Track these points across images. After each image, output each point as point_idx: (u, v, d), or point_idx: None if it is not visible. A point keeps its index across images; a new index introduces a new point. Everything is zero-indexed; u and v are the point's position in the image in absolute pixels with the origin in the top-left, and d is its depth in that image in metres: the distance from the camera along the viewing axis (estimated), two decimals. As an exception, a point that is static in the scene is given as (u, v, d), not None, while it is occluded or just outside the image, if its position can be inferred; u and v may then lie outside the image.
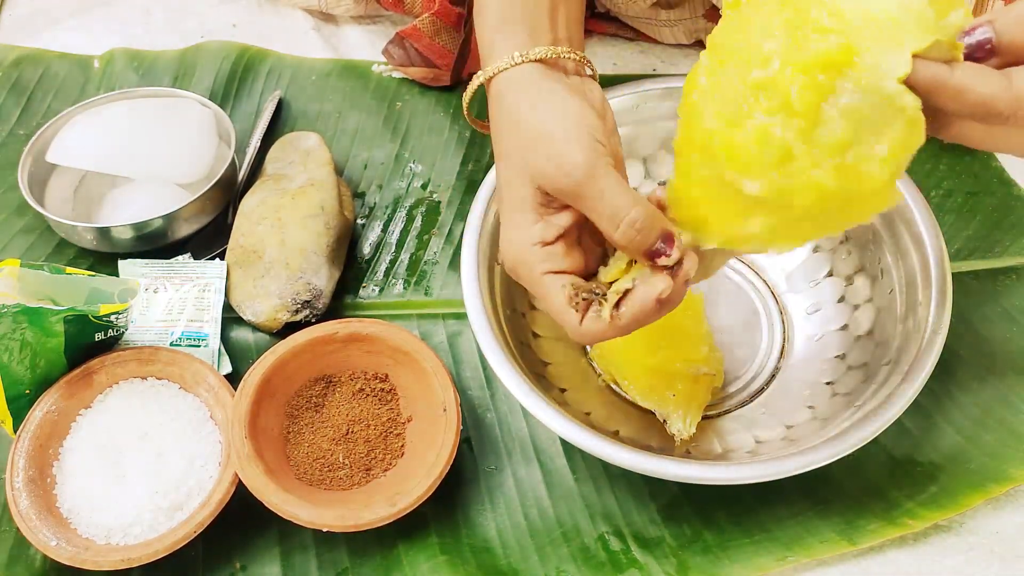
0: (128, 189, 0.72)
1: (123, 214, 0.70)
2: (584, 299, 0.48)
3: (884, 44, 0.39)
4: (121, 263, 0.69)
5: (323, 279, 0.67)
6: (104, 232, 0.68)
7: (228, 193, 0.73)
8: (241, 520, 0.58)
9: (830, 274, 0.66)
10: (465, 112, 0.55)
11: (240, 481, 0.55)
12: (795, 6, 0.41)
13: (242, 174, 0.75)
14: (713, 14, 0.81)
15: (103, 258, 0.71)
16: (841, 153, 0.40)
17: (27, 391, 0.59)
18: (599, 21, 0.88)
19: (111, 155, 0.71)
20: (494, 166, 0.54)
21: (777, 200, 0.42)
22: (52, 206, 0.72)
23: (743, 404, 0.62)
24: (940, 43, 0.39)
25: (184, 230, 0.71)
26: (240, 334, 0.68)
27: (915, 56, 0.39)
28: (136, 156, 0.71)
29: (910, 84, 0.39)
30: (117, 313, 0.60)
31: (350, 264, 0.72)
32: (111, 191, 0.73)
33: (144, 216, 0.68)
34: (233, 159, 0.73)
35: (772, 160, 0.41)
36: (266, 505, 0.54)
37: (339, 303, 0.70)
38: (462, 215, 0.75)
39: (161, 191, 0.71)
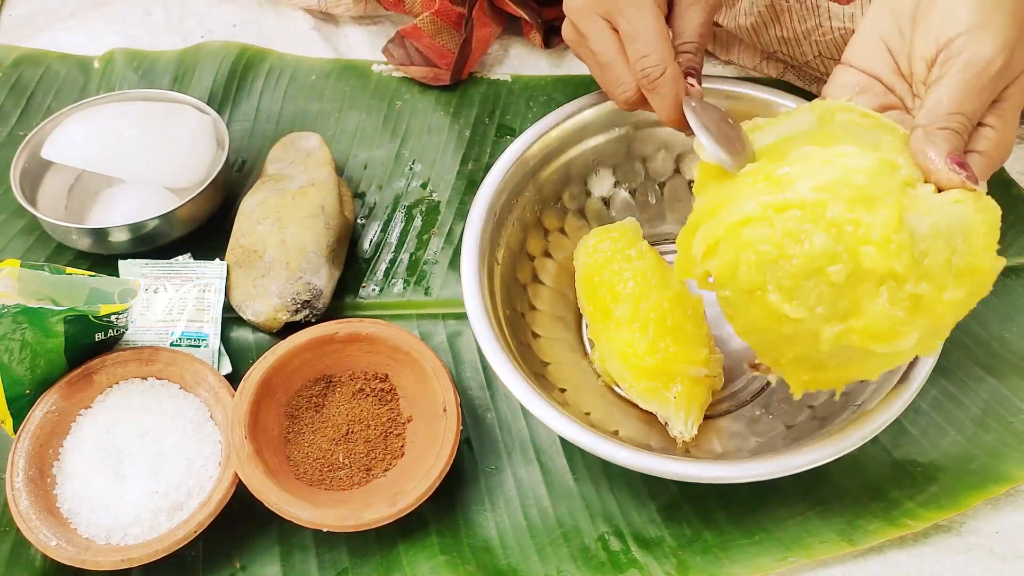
0: (121, 190, 0.72)
1: (114, 215, 0.70)
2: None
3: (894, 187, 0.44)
4: (121, 263, 0.69)
5: (323, 279, 0.67)
6: (93, 233, 0.68)
7: (221, 196, 0.73)
8: (241, 520, 0.58)
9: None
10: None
11: (240, 481, 0.55)
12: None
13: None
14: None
15: (103, 258, 0.71)
16: (949, 262, 0.44)
17: (27, 391, 0.59)
18: (599, 21, 0.88)
19: (106, 155, 0.70)
20: None
21: (927, 332, 0.45)
22: (45, 205, 0.72)
23: (743, 404, 0.62)
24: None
25: (176, 232, 0.70)
26: (240, 334, 0.68)
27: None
28: (131, 158, 0.70)
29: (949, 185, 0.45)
30: (117, 313, 0.60)
31: (350, 264, 0.72)
32: (104, 191, 0.73)
33: (133, 218, 0.68)
34: (227, 162, 0.72)
35: (910, 314, 0.44)
36: (266, 505, 0.54)
37: (339, 303, 0.70)
38: (462, 215, 0.75)
39: (154, 193, 0.71)
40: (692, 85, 0.55)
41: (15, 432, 0.59)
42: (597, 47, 0.57)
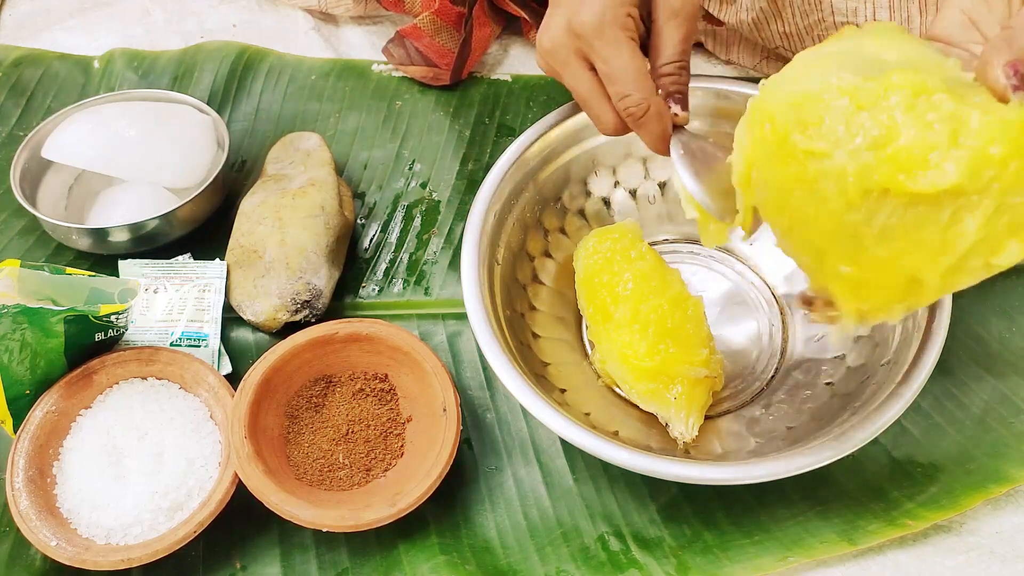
0: (121, 190, 0.72)
1: (114, 215, 0.70)
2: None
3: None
4: (121, 263, 0.69)
5: (323, 279, 0.67)
6: (93, 233, 0.68)
7: (221, 196, 0.73)
8: (241, 520, 0.58)
9: (830, 274, 0.66)
10: None
11: (240, 481, 0.55)
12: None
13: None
14: (709, 16, 0.81)
15: (103, 258, 0.71)
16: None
17: (27, 391, 0.59)
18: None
19: (106, 155, 0.70)
20: None
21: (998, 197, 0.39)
22: (45, 205, 0.72)
23: (743, 405, 0.62)
24: None
25: (176, 232, 0.71)
26: (240, 334, 0.68)
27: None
28: (132, 158, 0.71)
29: None
30: (117, 313, 0.60)
31: (350, 264, 0.72)
32: (104, 191, 0.73)
33: (133, 218, 0.68)
34: (227, 162, 0.72)
35: (948, 140, 0.39)
36: (266, 505, 0.54)
37: (339, 303, 0.70)
38: (462, 215, 0.75)
39: (154, 193, 0.71)
40: (676, 115, 0.55)
41: (15, 432, 0.59)
42: (574, 85, 0.56)
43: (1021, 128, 0.38)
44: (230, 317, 0.68)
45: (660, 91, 0.55)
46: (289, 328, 0.65)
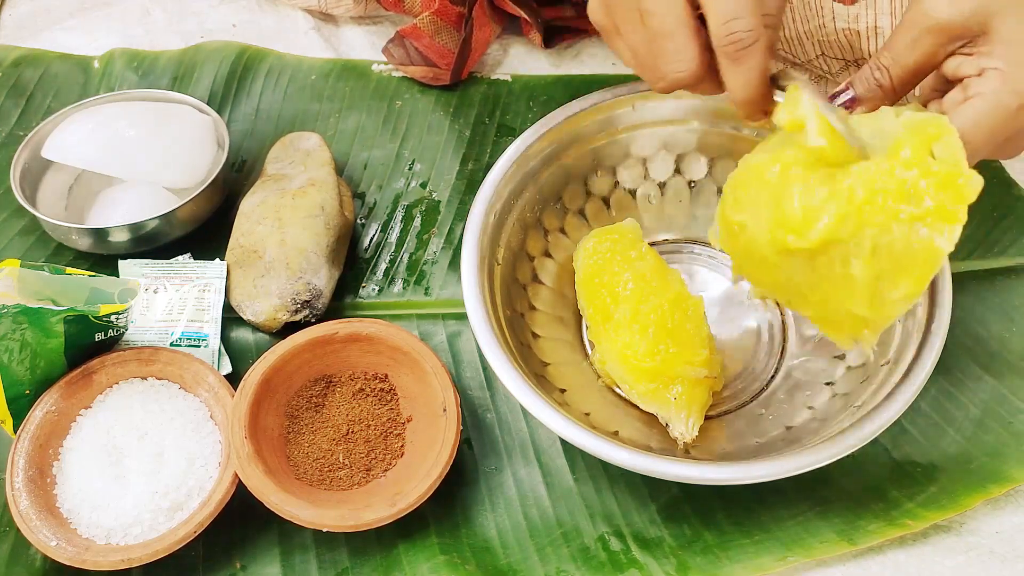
0: (121, 190, 0.72)
1: (114, 215, 0.70)
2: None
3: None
4: (121, 263, 0.69)
5: (323, 279, 0.67)
6: (93, 233, 0.68)
7: (221, 196, 0.73)
8: (241, 520, 0.58)
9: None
10: None
11: (240, 481, 0.55)
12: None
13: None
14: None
15: (103, 258, 0.71)
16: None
17: (27, 391, 0.59)
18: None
19: (106, 155, 0.70)
20: None
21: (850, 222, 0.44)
22: (45, 205, 0.72)
23: (743, 405, 0.62)
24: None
25: (176, 232, 0.71)
26: (240, 334, 0.68)
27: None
28: (131, 158, 0.70)
29: None
30: (117, 313, 0.60)
31: (350, 264, 0.72)
32: (104, 191, 0.73)
33: (133, 218, 0.68)
34: (227, 162, 0.72)
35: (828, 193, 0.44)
36: (266, 505, 0.55)
37: (339, 303, 0.70)
38: (462, 215, 0.75)
39: (154, 193, 0.71)
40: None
41: (15, 432, 0.59)
42: (658, 7, 0.44)
43: (882, 174, 0.43)
44: (230, 317, 0.68)
45: None
46: (289, 328, 0.65)
